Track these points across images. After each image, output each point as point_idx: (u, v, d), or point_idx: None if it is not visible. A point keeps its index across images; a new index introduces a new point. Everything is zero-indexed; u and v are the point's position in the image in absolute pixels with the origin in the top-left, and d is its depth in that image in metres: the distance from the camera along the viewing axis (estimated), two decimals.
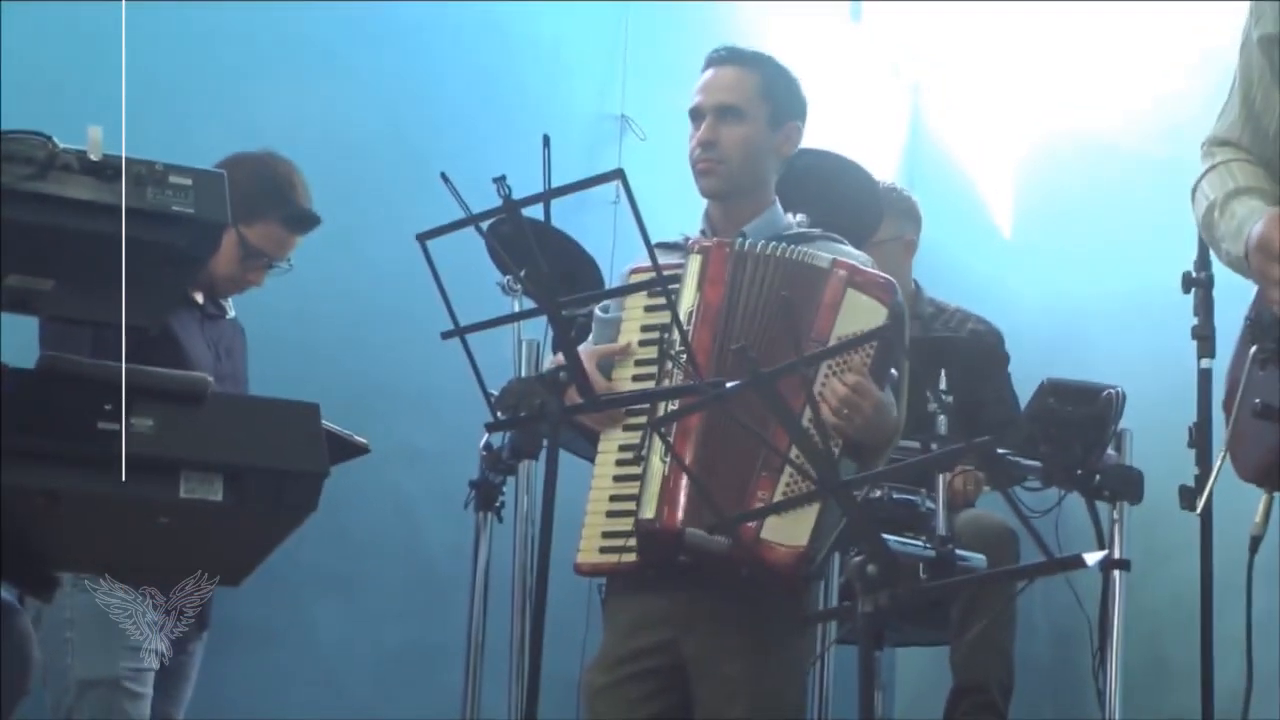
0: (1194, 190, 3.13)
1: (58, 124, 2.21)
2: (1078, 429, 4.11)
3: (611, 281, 4.79)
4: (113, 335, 3.79)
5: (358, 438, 4.35)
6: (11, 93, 4.61)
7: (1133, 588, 4.28)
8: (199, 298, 4.31)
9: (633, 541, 3.45)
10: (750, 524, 3.33)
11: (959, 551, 4.11)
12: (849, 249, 3.72)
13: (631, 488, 3.49)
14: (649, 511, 3.45)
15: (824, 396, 3.40)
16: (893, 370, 3.59)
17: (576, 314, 3.85)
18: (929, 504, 4.16)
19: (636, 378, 3.58)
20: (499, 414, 3.41)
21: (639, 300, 3.63)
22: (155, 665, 4.11)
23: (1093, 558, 2.52)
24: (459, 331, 3.01)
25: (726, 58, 3.82)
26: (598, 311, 3.91)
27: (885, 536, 3.10)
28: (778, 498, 3.35)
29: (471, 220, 2.91)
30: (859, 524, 2.69)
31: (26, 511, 2.27)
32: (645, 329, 3.60)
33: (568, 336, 3.03)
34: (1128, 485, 4.21)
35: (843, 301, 3.50)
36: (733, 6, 6.25)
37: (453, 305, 3.01)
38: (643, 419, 3.51)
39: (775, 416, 2.70)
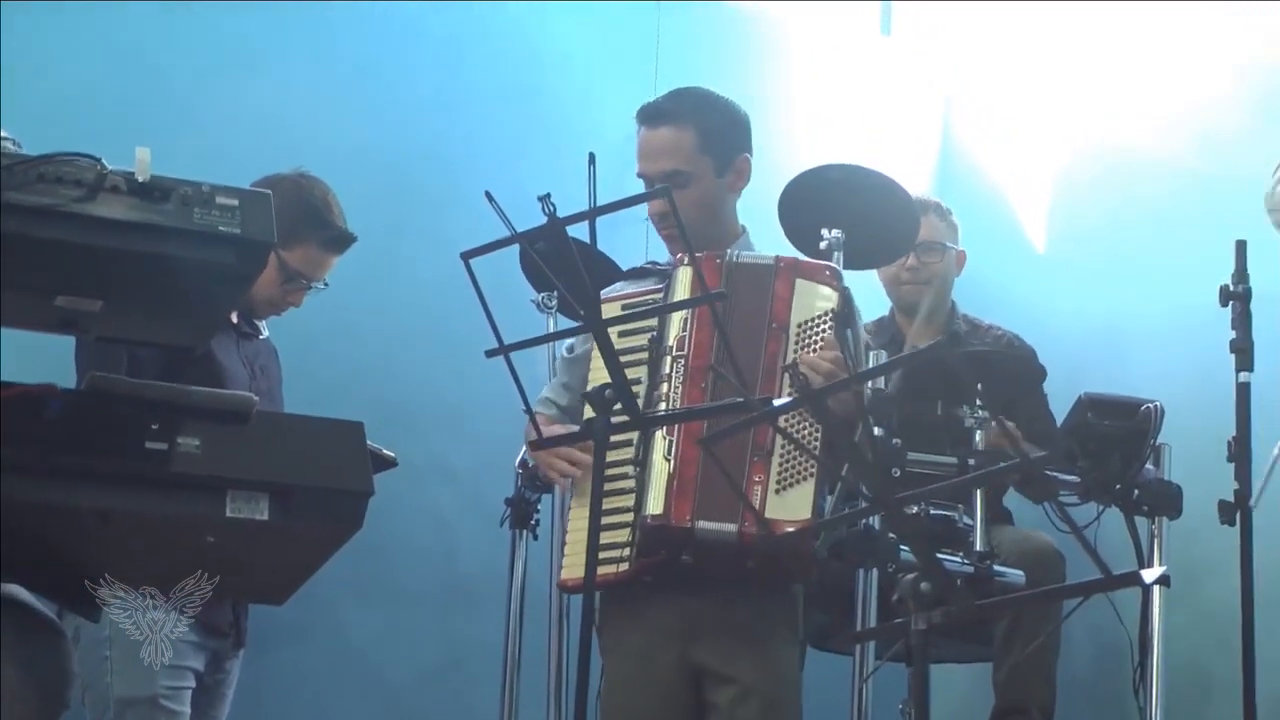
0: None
1: (92, 143, 2.21)
2: (1116, 443, 4.08)
3: None
4: (149, 354, 3.85)
5: (386, 451, 4.36)
6: (48, 110, 4.62)
7: (1171, 603, 4.25)
8: (234, 318, 4.31)
9: (627, 552, 3.52)
10: (752, 509, 3.43)
11: (996, 567, 4.09)
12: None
13: (617, 501, 3.52)
14: (656, 508, 3.51)
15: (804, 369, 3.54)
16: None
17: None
18: (966, 519, 4.14)
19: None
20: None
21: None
22: (193, 684, 4.12)
23: (1151, 574, 2.49)
24: (503, 350, 3.01)
25: (657, 117, 3.86)
26: (563, 352, 3.99)
27: None
28: (773, 479, 3.50)
29: (517, 238, 2.90)
30: (912, 540, 2.67)
31: (74, 529, 2.28)
32: (621, 352, 3.56)
33: (613, 353, 3.02)
34: (1166, 500, 4.17)
35: (794, 291, 3.71)
36: (761, 18, 6.23)
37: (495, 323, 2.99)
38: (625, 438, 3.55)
39: (827, 431, 2.69)
